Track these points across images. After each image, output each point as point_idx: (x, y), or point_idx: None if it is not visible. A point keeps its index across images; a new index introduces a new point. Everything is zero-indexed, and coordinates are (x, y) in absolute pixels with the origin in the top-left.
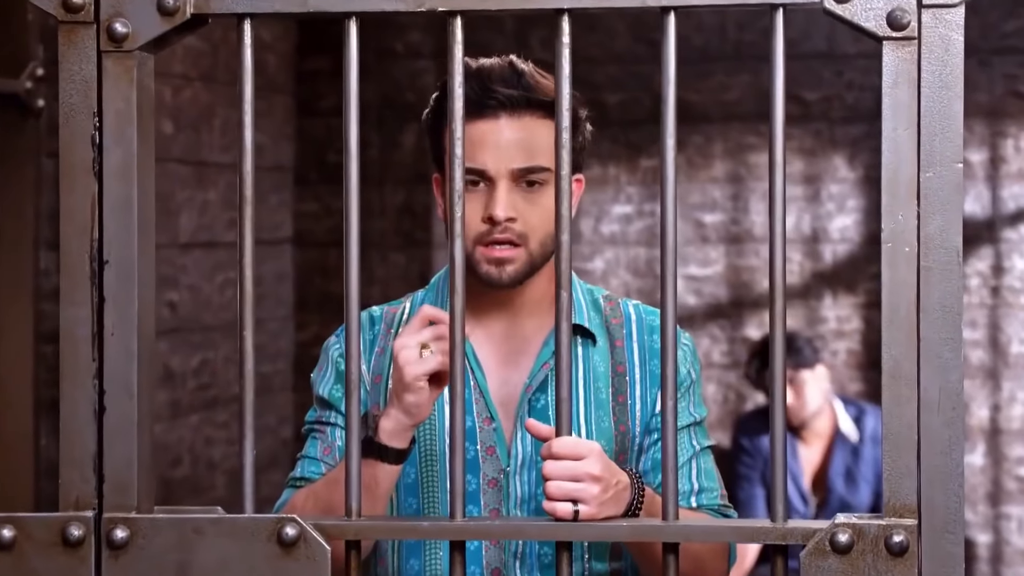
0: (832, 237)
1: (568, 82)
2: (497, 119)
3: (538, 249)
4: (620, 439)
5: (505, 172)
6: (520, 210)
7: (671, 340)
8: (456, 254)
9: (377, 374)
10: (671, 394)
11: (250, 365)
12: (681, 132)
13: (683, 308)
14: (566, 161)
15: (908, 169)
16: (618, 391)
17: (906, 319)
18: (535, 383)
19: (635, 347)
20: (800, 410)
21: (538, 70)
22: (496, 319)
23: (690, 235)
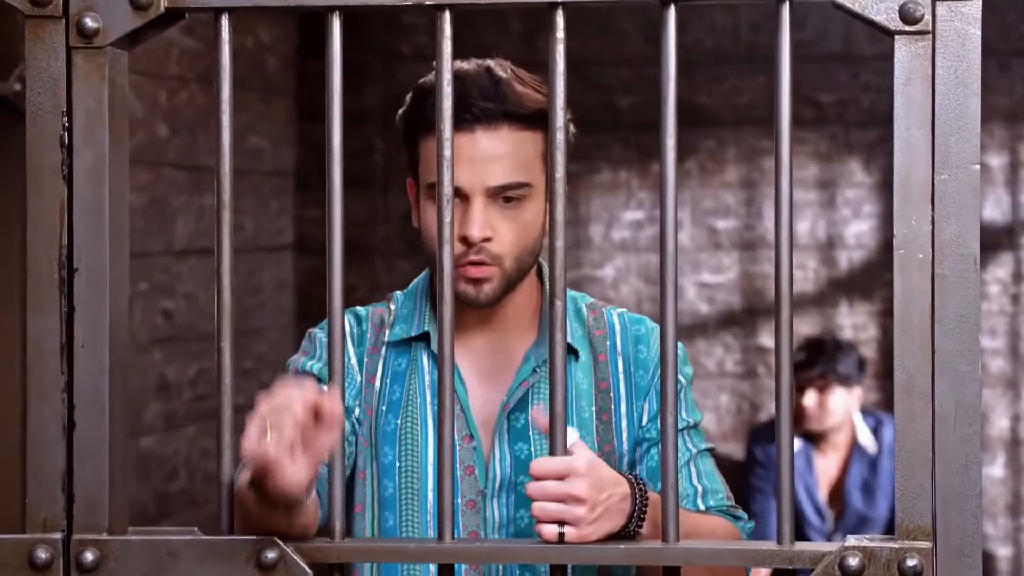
0: (848, 243)
1: (563, 79)
2: (472, 132)
3: (513, 266)
4: (605, 460)
5: (480, 189)
6: (496, 228)
7: (671, 354)
8: (445, 261)
9: (371, 374)
10: (671, 409)
11: (228, 379)
12: (693, 136)
13: (695, 316)
14: (560, 163)
15: (922, 171)
16: (602, 409)
17: (920, 330)
18: (512, 401)
19: (619, 360)
20: (820, 420)
21: (519, 75)
22: (476, 334)
23: (703, 241)
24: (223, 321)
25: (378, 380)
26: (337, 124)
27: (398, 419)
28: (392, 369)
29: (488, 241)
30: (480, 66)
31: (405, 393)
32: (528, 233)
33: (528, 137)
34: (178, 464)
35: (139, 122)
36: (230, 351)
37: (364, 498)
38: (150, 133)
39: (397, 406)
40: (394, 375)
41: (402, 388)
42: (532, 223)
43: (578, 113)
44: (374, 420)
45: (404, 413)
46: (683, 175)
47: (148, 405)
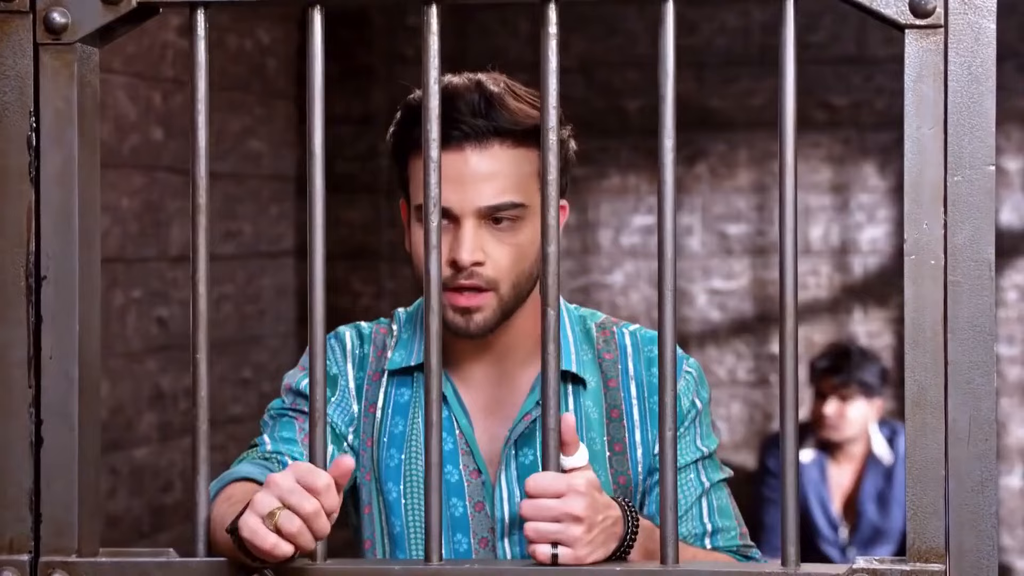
0: (862, 249)
1: (556, 76)
2: (462, 151)
3: (510, 293)
4: (621, 493)
5: (471, 210)
6: (489, 251)
7: (670, 365)
8: (432, 268)
9: (371, 403)
10: (670, 424)
11: (203, 392)
12: (704, 139)
13: (706, 323)
14: (553, 165)
15: (934, 172)
16: (614, 439)
17: (932, 340)
18: (514, 436)
19: (632, 385)
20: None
21: (514, 89)
22: (476, 365)
23: (713, 247)
24: (199, 332)
25: (379, 410)
26: (319, 125)
27: (401, 454)
28: (394, 400)
29: (480, 266)
30: (470, 80)
31: (408, 427)
32: (524, 257)
33: (522, 155)
34: (173, 476)
35: (133, 125)
36: (205, 363)
37: (373, 534)
38: (144, 136)
39: (400, 440)
40: (396, 407)
41: (405, 421)
42: (528, 246)
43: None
44: (376, 452)
45: (408, 448)
46: (693, 179)
47: (142, 416)
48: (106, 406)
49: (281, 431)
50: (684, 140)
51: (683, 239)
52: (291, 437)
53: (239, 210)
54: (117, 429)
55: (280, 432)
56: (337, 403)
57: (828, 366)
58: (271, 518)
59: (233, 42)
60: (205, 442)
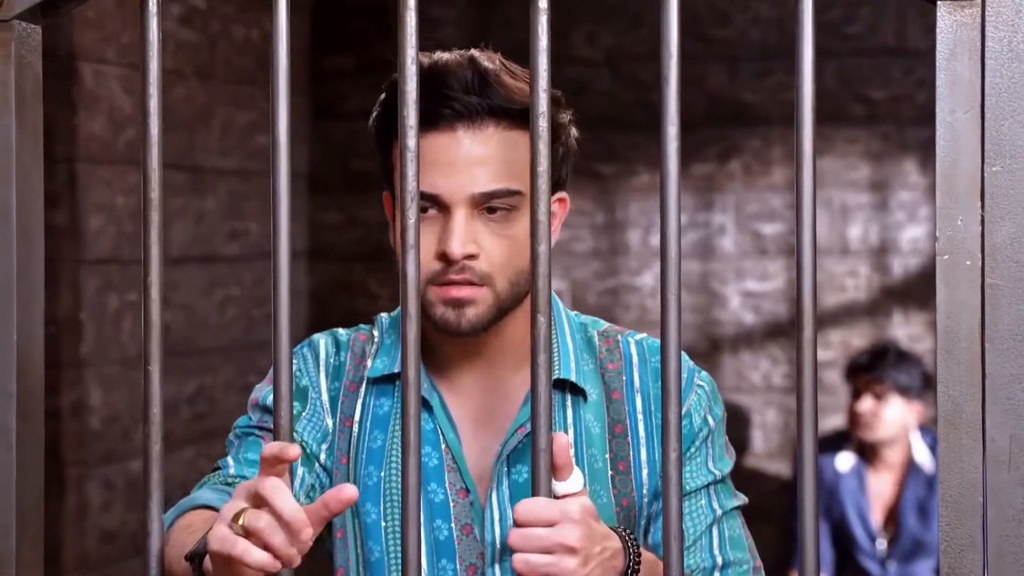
0: (902, 249)
1: (546, 56)
2: (453, 132)
3: (507, 289)
4: (624, 517)
5: (463, 197)
6: (483, 244)
7: (673, 379)
8: (409, 268)
9: (347, 416)
10: (674, 445)
11: (156, 408)
12: (738, 135)
13: (740, 326)
14: (543, 155)
15: (969, 162)
16: (618, 457)
17: (967, 351)
18: (507, 451)
19: (637, 398)
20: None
21: (509, 67)
22: (466, 372)
23: (747, 247)
24: (151, 342)
25: (356, 424)
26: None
27: (381, 471)
28: (372, 411)
29: (473, 259)
30: (462, 56)
31: (388, 442)
32: (522, 249)
33: (519, 138)
34: (173, 490)
35: (128, 119)
36: (158, 376)
37: (347, 561)
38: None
39: (379, 456)
40: (375, 419)
41: (385, 435)
42: (526, 239)
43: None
44: (352, 470)
45: (387, 465)
46: (726, 177)
47: (139, 425)
48: (100, 416)
49: (246, 452)
50: (716, 136)
51: (716, 239)
52: (256, 459)
53: (246, 208)
54: (112, 440)
55: (245, 453)
56: (308, 418)
57: (865, 364)
58: (237, 520)
59: (239, 32)
60: (158, 464)
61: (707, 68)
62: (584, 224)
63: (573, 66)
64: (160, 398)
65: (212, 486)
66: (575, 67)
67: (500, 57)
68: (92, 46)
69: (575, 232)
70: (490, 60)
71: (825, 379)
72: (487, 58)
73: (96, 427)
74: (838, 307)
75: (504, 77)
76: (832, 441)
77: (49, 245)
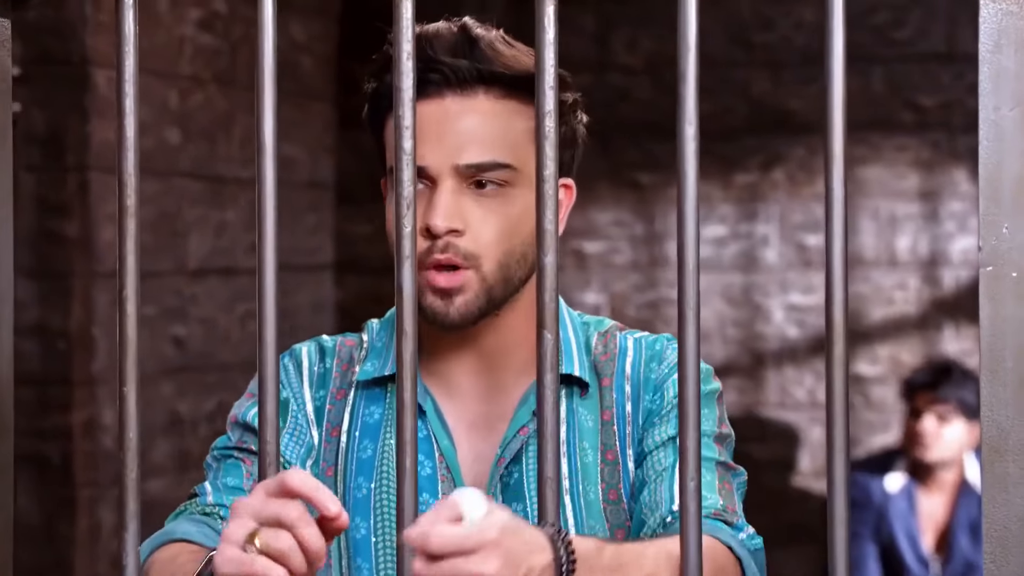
0: (953, 261)
1: (553, 50)
2: (441, 99)
3: (496, 273)
4: (612, 512)
5: (449, 169)
6: (469, 220)
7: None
8: (405, 282)
9: (335, 425)
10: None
11: (132, 433)
12: (781, 144)
13: (784, 341)
14: (550, 157)
15: (1015, 164)
16: (606, 447)
17: (1013, 371)
18: (508, 454)
19: (626, 384)
20: (931, 449)
21: (506, 38)
22: (462, 371)
23: (792, 259)
24: (126, 360)
25: (344, 433)
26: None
27: (371, 483)
28: (362, 419)
29: (457, 235)
30: (454, 23)
31: (379, 451)
32: (513, 231)
33: (513, 109)
34: None
35: (144, 126)
36: (135, 398)
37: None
38: (158, 138)
39: (369, 467)
40: (364, 428)
41: (375, 444)
42: (519, 220)
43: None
44: (340, 482)
45: (378, 476)
46: (770, 186)
47: (155, 444)
48: (114, 435)
49: (225, 476)
50: (760, 144)
51: (759, 250)
52: (237, 485)
53: None
54: None
55: (224, 478)
56: (291, 434)
57: (926, 381)
58: (251, 541)
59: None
60: (134, 494)
61: (750, 74)
62: (623, 235)
63: (612, 73)
64: (137, 422)
65: (190, 516)
66: (614, 74)
67: (500, 31)
68: (107, 52)
69: (614, 244)
70: (484, 28)
71: (873, 395)
72: (481, 26)
73: (109, 447)
74: (887, 321)
75: (498, 44)
76: (881, 460)
77: (60, 257)
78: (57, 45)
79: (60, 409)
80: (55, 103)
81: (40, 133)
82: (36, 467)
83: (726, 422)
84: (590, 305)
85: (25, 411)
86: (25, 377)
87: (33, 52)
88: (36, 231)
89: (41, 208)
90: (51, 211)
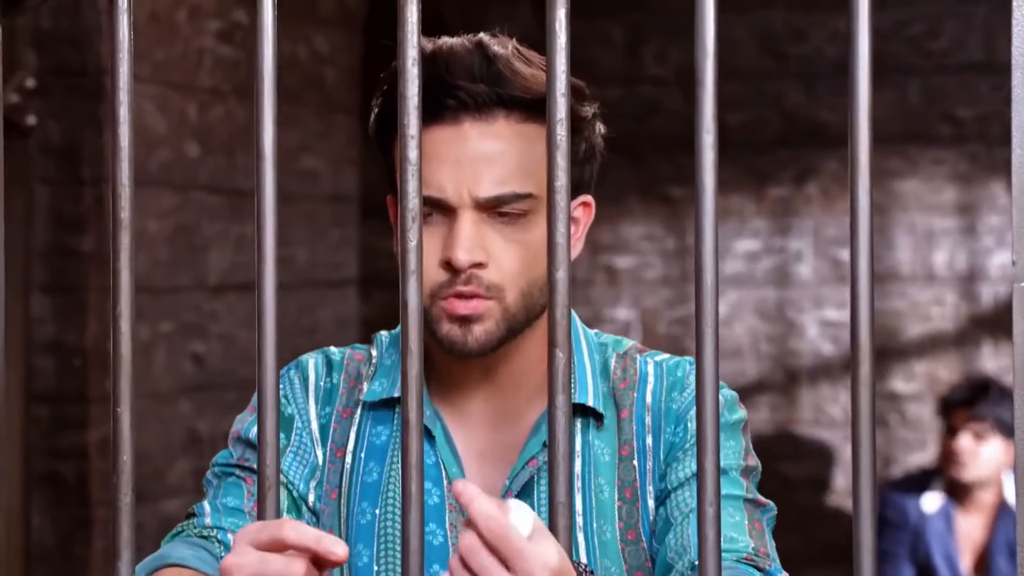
0: (991, 276)
1: (564, 55)
2: (459, 125)
3: (519, 302)
4: (631, 552)
5: (469, 200)
6: (492, 251)
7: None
8: (410, 296)
9: (340, 445)
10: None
11: (126, 456)
12: (815, 157)
13: (818, 357)
14: (562, 168)
15: None
16: (624, 483)
17: None
18: (516, 486)
19: (647, 416)
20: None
21: (524, 53)
22: (476, 397)
23: (826, 274)
24: (120, 381)
25: (349, 454)
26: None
27: (376, 508)
28: (368, 440)
29: (481, 268)
30: (469, 40)
31: (385, 475)
32: (536, 260)
33: (534, 133)
34: None
35: (162, 139)
36: (129, 419)
37: None
38: (176, 151)
39: (374, 492)
40: (371, 450)
41: (381, 468)
42: (542, 245)
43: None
44: (343, 507)
45: (383, 502)
46: (803, 200)
47: (173, 463)
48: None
49: (225, 496)
50: (792, 157)
51: (792, 265)
52: (237, 506)
53: (291, 234)
54: (144, 479)
55: (223, 498)
56: (294, 452)
57: (963, 398)
58: None
59: (285, 49)
60: (129, 519)
61: (783, 86)
62: (654, 250)
63: (643, 85)
64: (131, 444)
65: (186, 539)
66: (645, 86)
67: (514, 43)
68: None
69: (645, 258)
70: (501, 45)
71: (909, 413)
72: (498, 43)
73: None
74: (923, 337)
75: (517, 63)
76: (918, 480)
77: (75, 272)
78: (73, 56)
79: (76, 427)
80: (71, 115)
81: (56, 145)
82: (51, 486)
83: (752, 453)
84: (621, 321)
85: (40, 429)
86: (40, 394)
87: (48, 63)
88: (52, 245)
89: (57, 222)
90: (67, 225)
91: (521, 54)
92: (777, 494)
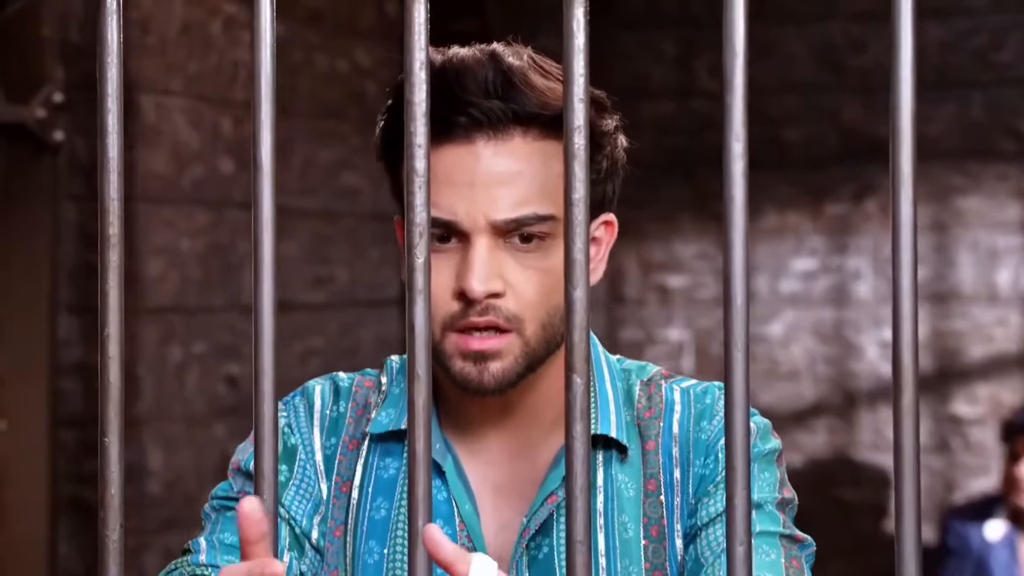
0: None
1: (583, 57)
2: (471, 144)
3: (539, 335)
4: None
5: (485, 223)
6: (510, 279)
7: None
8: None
9: (345, 479)
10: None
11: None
12: (873, 173)
13: (878, 380)
14: (580, 179)
15: None
16: (651, 521)
17: None
18: (535, 524)
19: (674, 446)
20: None
21: (540, 64)
22: (492, 431)
23: (885, 293)
24: (108, 408)
25: (355, 489)
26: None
27: (384, 548)
28: (376, 474)
29: (498, 298)
30: (482, 52)
31: (394, 512)
32: (556, 286)
33: (553, 150)
34: None
35: (195, 154)
36: (118, 450)
37: None
38: (209, 168)
39: (382, 530)
40: (379, 484)
41: (390, 505)
42: (562, 271)
43: None
44: (349, 545)
45: (392, 541)
46: (862, 218)
47: (206, 489)
48: (162, 479)
49: (223, 531)
50: (851, 173)
51: (851, 284)
52: (235, 543)
53: (331, 253)
54: (174, 505)
55: (221, 533)
56: (297, 486)
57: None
58: None
59: (323, 63)
60: (116, 558)
61: (841, 100)
62: (708, 269)
63: (696, 99)
64: (120, 476)
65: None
66: (696, 100)
67: (530, 52)
68: (154, 76)
69: (698, 278)
70: (516, 56)
71: (972, 437)
72: (512, 53)
73: (156, 492)
74: (986, 359)
75: (533, 76)
76: (981, 507)
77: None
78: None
79: None
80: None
81: (83, 162)
82: (78, 512)
83: (787, 485)
84: (673, 342)
85: (66, 454)
86: (66, 418)
87: (76, 77)
88: (78, 264)
89: (84, 240)
90: (95, 243)
91: (537, 64)
92: (835, 520)
